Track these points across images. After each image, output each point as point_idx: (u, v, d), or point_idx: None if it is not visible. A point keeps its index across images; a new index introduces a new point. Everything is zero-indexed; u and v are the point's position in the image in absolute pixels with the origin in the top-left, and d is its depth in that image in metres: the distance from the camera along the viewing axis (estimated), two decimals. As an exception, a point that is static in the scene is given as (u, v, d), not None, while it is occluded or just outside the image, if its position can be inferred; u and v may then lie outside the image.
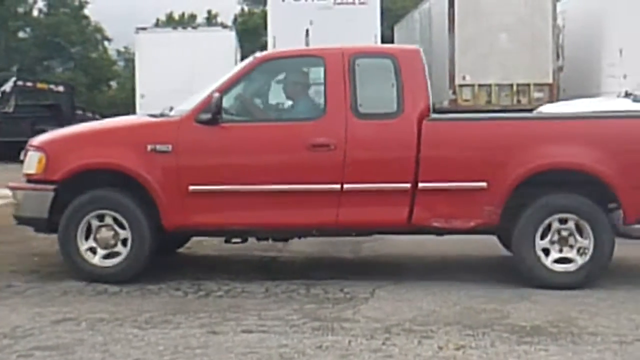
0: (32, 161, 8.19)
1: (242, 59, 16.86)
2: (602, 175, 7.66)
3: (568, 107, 14.09)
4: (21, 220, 8.38)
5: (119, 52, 64.82)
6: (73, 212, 8.01)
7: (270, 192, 7.89)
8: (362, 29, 20.37)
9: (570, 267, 7.78)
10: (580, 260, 7.76)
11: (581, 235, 7.78)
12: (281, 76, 8.50)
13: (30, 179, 8.24)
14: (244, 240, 8.46)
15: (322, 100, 8.03)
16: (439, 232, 8.08)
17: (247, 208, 7.93)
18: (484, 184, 7.76)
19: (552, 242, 7.81)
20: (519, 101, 19.26)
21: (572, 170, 7.75)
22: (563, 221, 7.80)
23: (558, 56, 20.12)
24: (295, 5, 21.11)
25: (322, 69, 8.09)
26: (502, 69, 19.23)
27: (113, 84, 63.66)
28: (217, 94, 7.90)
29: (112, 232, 8.02)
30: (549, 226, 7.79)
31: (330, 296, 7.48)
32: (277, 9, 21.35)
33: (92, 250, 8.04)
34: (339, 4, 21.22)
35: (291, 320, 6.60)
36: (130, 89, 34.08)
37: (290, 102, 8.46)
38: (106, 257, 8.02)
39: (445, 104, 19.42)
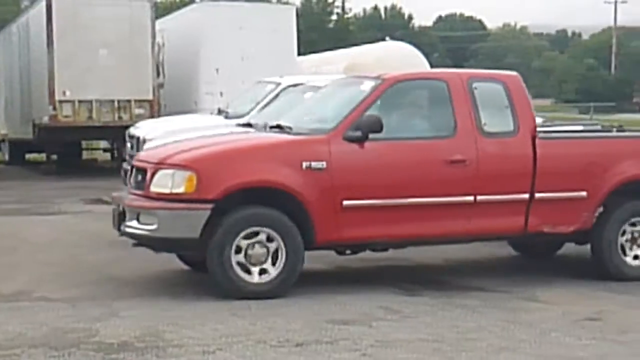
0: (177, 180, 7.96)
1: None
2: None
3: (166, 123, 14.39)
4: (159, 242, 8.07)
5: None
6: (229, 229, 7.93)
7: (415, 205, 8.44)
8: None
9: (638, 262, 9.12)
10: None
11: None
12: (412, 96, 9.10)
13: (172, 198, 7.94)
14: (356, 252, 8.87)
15: (452, 120, 8.68)
16: (577, 240, 9.34)
17: (394, 221, 8.39)
18: (584, 193, 8.90)
19: (627, 241, 9.11)
20: (120, 117, 19.32)
21: None
22: (633, 224, 9.13)
23: (159, 73, 20.47)
24: None
25: (446, 91, 8.74)
26: (103, 85, 19.18)
27: None
28: (373, 114, 8.28)
29: (264, 249, 8.03)
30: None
31: None
32: None
33: (243, 267, 7.99)
34: None
35: None
36: None
37: (423, 122, 9.01)
38: (259, 273, 8.02)
39: (46, 119, 18.99)
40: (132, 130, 14.47)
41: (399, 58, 23.95)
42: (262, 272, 8.07)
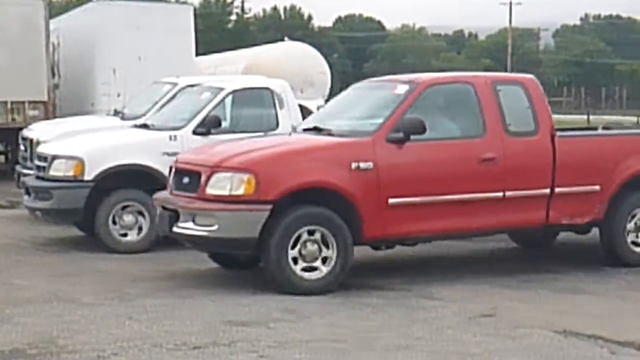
0: (236, 182, 8.28)
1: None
2: None
3: (61, 125, 14.13)
4: (219, 242, 8.40)
5: None
6: (287, 228, 8.27)
7: (452, 202, 8.95)
8: None
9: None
10: None
11: None
12: (443, 99, 9.54)
13: (231, 200, 8.26)
14: (391, 247, 9.37)
15: (480, 121, 9.21)
16: (582, 229, 9.95)
17: (434, 217, 8.91)
18: (597, 187, 9.55)
19: (632, 230, 9.82)
20: (13, 119, 18.84)
21: None
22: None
23: (53, 74, 20.04)
24: None
25: (474, 94, 9.29)
26: (-5, 86, 18.67)
27: None
28: (415, 117, 8.73)
29: (316, 247, 8.38)
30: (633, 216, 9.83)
31: None
32: None
33: (298, 264, 8.34)
34: None
35: None
36: None
37: (454, 123, 9.47)
38: (310, 270, 8.38)
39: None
40: (26, 132, 14.20)
41: (297, 58, 23.98)
42: (314, 269, 8.43)
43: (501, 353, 6.49)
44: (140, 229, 10.78)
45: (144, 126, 11.73)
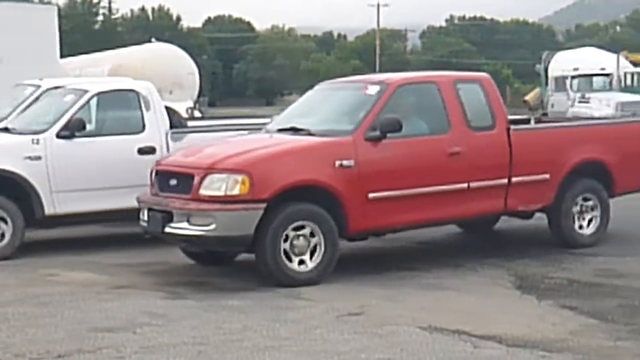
0: (231, 183, 8.66)
1: None
2: (607, 163, 10.84)
3: None
4: (216, 241, 8.74)
5: None
6: (280, 224, 8.74)
7: (425, 194, 9.55)
8: None
9: (588, 231, 10.76)
10: (593, 227, 10.79)
11: (592, 210, 10.83)
12: (412, 98, 10.06)
13: (226, 200, 8.62)
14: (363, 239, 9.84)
15: (445, 118, 9.84)
16: (525, 215, 10.76)
17: (410, 208, 9.51)
18: (547, 175, 10.34)
19: (577, 214, 10.71)
20: None
21: (593, 162, 10.75)
22: (586, 199, 10.76)
23: None
24: None
25: (437, 93, 9.90)
26: None
27: None
28: (392, 116, 9.30)
29: (305, 241, 8.87)
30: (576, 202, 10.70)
31: None
32: None
33: (289, 258, 8.82)
34: None
35: None
36: None
37: (423, 120, 10.00)
38: (302, 263, 8.87)
39: None
40: None
41: (165, 60, 23.83)
42: (302, 262, 8.92)
43: (368, 350, 6.56)
44: (2, 235, 10.48)
45: (5, 130, 11.38)
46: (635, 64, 39.60)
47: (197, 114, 23.49)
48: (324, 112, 10.32)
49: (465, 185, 9.83)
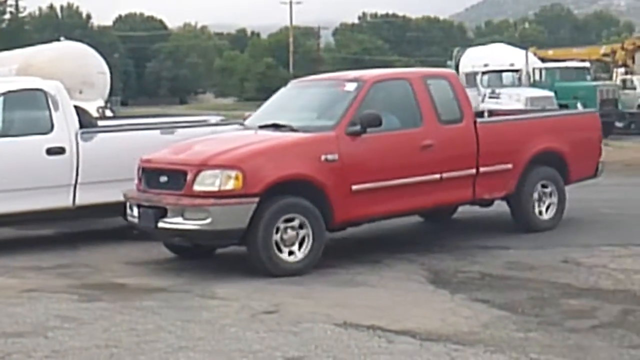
0: (224, 179, 8.97)
1: None
2: (562, 152, 11.57)
3: None
4: (210, 235, 9.03)
5: None
6: (272, 217, 9.07)
7: (402, 185, 10.00)
8: None
9: (547, 216, 11.46)
10: (551, 213, 11.50)
11: (550, 196, 11.51)
12: (386, 94, 10.46)
13: (220, 195, 8.92)
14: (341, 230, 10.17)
15: (418, 112, 10.35)
16: (486, 203, 11.32)
17: (389, 198, 9.96)
18: (510, 165, 10.97)
19: (537, 200, 11.36)
20: None
21: (550, 151, 11.43)
22: (545, 186, 11.43)
23: None
24: None
25: (410, 89, 10.40)
26: None
27: None
28: (372, 111, 9.70)
29: (295, 232, 9.22)
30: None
31: None
32: None
33: (280, 249, 9.17)
34: None
35: None
36: None
37: (398, 114, 10.40)
38: (289, 254, 9.23)
39: None
40: None
41: (75, 59, 23.41)
42: (292, 253, 9.26)
43: (283, 348, 6.55)
44: None
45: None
46: (543, 60, 40.38)
47: (108, 113, 23.16)
48: (302, 109, 10.85)
49: (438, 176, 10.32)
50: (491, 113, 13.66)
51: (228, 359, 6.36)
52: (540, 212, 11.46)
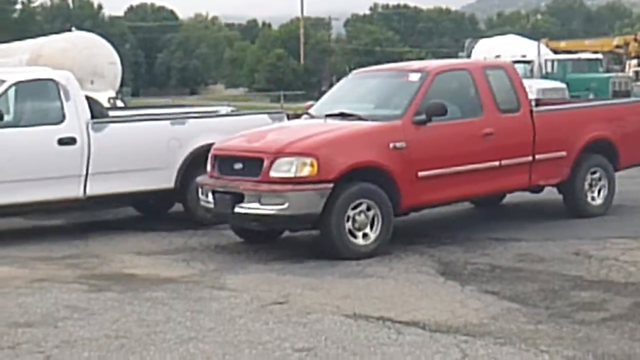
0: (300, 166, 9.36)
1: None
2: (613, 140, 12.06)
3: None
4: (287, 219, 9.40)
5: None
6: (345, 202, 9.47)
7: (465, 171, 10.46)
8: None
9: (598, 202, 11.92)
10: (602, 198, 11.94)
11: (601, 182, 11.92)
12: (448, 84, 10.87)
13: (296, 181, 9.33)
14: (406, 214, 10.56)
15: (478, 102, 10.82)
16: (540, 189, 11.76)
17: (453, 184, 10.41)
18: (564, 152, 11.43)
19: (588, 186, 11.82)
20: None
21: (602, 139, 11.88)
22: (594, 172, 11.86)
23: None
24: None
25: (470, 79, 10.90)
26: None
27: None
28: (437, 100, 10.12)
29: (365, 217, 9.60)
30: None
31: None
32: None
33: (351, 233, 9.55)
34: None
35: None
36: None
37: (459, 104, 10.80)
38: (363, 237, 9.62)
39: None
40: None
41: (85, 49, 23.45)
42: (364, 235, 9.63)
43: (292, 339, 6.55)
44: None
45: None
46: (555, 52, 40.26)
47: (119, 103, 23.21)
48: (366, 99, 11.25)
49: (497, 163, 10.76)
50: None
51: (237, 350, 6.36)
52: (593, 198, 11.88)
